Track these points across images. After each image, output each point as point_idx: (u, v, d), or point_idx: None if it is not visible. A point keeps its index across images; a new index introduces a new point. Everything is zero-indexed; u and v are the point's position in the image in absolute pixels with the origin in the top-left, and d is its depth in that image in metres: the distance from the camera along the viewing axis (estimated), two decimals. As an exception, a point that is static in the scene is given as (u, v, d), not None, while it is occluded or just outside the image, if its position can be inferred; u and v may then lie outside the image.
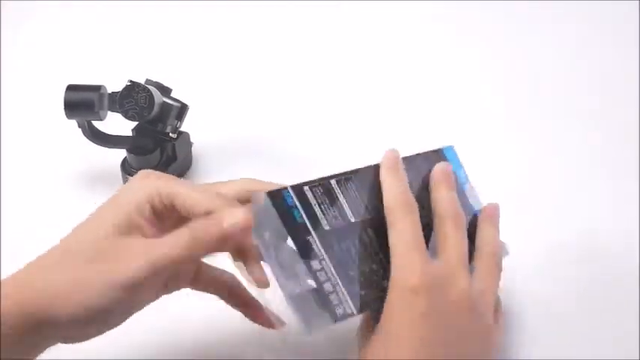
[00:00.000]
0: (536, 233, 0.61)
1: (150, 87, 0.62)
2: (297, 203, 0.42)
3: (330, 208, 0.44)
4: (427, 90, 0.80)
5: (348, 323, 0.45)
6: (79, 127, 0.63)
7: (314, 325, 0.41)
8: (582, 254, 0.61)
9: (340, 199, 0.45)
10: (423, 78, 0.82)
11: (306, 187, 0.44)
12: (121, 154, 0.66)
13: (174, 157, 0.67)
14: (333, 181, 0.45)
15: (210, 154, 0.72)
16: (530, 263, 0.58)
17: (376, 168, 0.46)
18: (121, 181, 0.68)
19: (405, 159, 0.47)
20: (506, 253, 0.50)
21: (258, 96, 0.79)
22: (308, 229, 0.42)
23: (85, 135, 0.64)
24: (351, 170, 0.46)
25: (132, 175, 0.62)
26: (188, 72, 0.80)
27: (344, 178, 0.45)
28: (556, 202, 0.66)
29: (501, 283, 0.49)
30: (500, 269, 0.48)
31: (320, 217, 0.43)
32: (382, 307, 0.43)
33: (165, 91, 0.65)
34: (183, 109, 0.65)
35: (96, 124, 0.64)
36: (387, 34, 0.89)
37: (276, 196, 0.42)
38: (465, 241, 0.46)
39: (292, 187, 0.43)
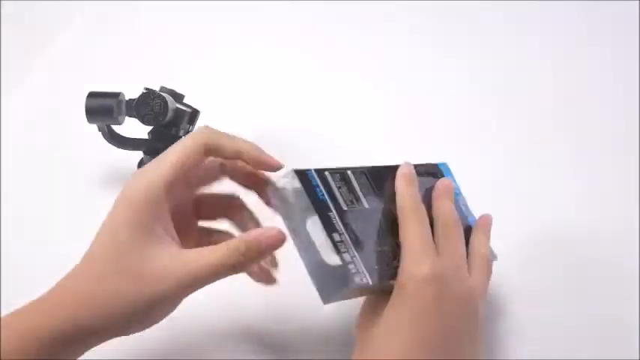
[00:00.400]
0: (512, 228, 0.61)
1: (164, 94, 0.64)
2: (320, 183, 0.46)
3: (347, 192, 0.47)
4: (422, 94, 0.80)
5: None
6: (100, 130, 0.65)
7: (331, 294, 0.43)
8: (560, 246, 0.62)
9: (356, 187, 0.48)
10: (420, 82, 0.82)
11: (326, 172, 0.47)
12: (138, 155, 0.67)
13: None
14: (349, 172, 0.48)
15: None
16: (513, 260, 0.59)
17: (388, 169, 0.50)
18: None
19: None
20: (495, 258, 0.54)
21: (263, 101, 0.80)
22: (329, 206, 0.45)
23: (105, 138, 0.66)
24: (365, 166, 0.49)
25: None
26: (199, 80, 0.81)
27: (359, 170, 0.49)
28: (530, 195, 0.67)
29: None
30: (490, 272, 0.51)
31: (338, 198, 0.46)
32: (391, 285, 0.45)
33: (178, 97, 0.66)
34: (194, 114, 0.66)
35: (115, 127, 0.66)
36: (391, 40, 0.89)
37: (302, 174, 0.45)
38: (464, 245, 0.49)
39: (315, 169, 0.46)
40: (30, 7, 0.98)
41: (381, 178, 0.50)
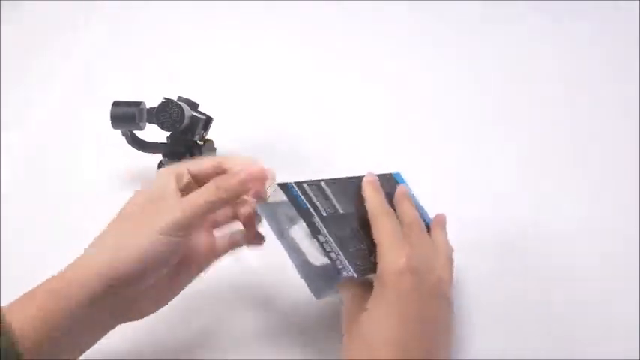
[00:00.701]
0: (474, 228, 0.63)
1: (181, 103, 0.66)
2: (300, 194, 0.49)
3: (324, 201, 0.51)
4: (419, 94, 0.83)
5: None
6: (123, 135, 0.68)
7: (321, 290, 0.47)
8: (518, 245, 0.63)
9: (330, 196, 0.51)
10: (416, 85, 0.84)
11: (304, 184, 0.50)
12: (157, 157, 0.70)
13: None
14: (323, 183, 0.52)
15: None
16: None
17: (354, 179, 0.54)
18: None
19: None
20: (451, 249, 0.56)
21: (271, 109, 0.81)
22: (311, 213, 0.49)
23: (128, 142, 0.68)
24: (334, 178, 0.53)
25: None
26: (213, 90, 0.82)
27: (331, 181, 0.52)
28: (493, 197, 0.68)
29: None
30: (453, 262, 0.54)
31: (318, 206, 0.50)
32: (371, 279, 0.49)
33: (194, 106, 0.68)
34: (208, 121, 0.69)
35: (137, 133, 0.68)
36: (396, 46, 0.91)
37: (284, 187, 0.49)
38: (430, 239, 0.53)
39: (294, 182, 0.50)
40: (30, 7, 1.00)
41: (349, 187, 0.53)
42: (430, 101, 0.83)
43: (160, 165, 0.71)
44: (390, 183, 0.57)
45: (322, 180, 0.52)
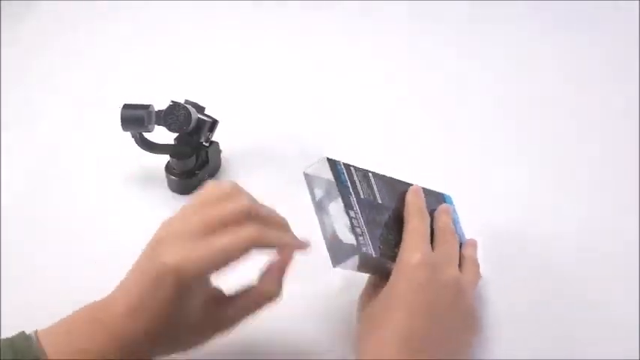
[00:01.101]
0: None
1: (188, 106, 0.67)
2: (345, 172, 0.53)
3: (367, 187, 0.54)
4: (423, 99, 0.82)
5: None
6: (132, 137, 0.68)
7: (340, 259, 0.49)
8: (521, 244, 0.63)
9: (374, 185, 0.55)
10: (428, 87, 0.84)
11: (352, 167, 0.54)
12: (165, 158, 0.70)
13: (207, 161, 0.71)
14: (370, 173, 0.55)
15: (235, 159, 0.75)
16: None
17: (402, 183, 0.57)
18: (165, 180, 0.70)
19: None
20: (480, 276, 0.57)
21: (275, 112, 0.82)
22: (349, 190, 0.52)
23: (137, 143, 0.69)
24: (384, 175, 0.56)
25: (173, 175, 0.68)
26: (218, 93, 0.82)
27: (379, 175, 0.56)
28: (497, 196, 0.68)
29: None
30: (479, 275, 0.56)
31: (359, 188, 0.53)
32: (390, 268, 0.50)
33: (200, 109, 0.69)
34: (214, 123, 0.70)
35: (145, 134, 0.68)
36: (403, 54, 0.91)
37: (332, 162, 0.52)
38: (458, 247, 0.55)
39: (343, 162, 0.53)
40: (30, 7, 0.99)
41: (394, 187, 0.56)
42: (430, 102, 0.83)
43: (168, 165, 0.71)
44: (438, 200, 0.60)
45: (371, 171, 0.55)
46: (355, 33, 0.95)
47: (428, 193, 0.58)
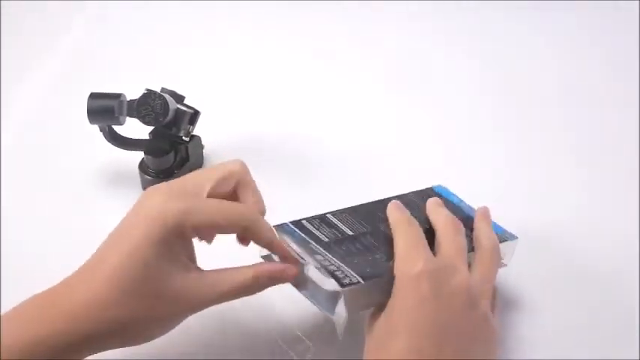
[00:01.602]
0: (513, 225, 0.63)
1: (165, 95, 0.65)
2: (296, 229, 0.53)
3: (327, 229, 0.53)
4: (424, 97, 0.84)
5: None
6: (101, 131, 0.66)
7: (332, 305, 0.48)
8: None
9: (336, 223, 0.54)
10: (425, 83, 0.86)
11: (303, 221, 0.54)
12: (139, 155, 0.69)
13: (187, 159, 0.70)
14: (328, 214, 0.55)
15: (219, 155, 0.74)
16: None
17: (372, 204, 0.57)
18: (139, 180, 0.69)
19: (399, 197, 0.57)
20: (513, 238, 0.56)
21: (261, 104, 0.82)
22: (308, 240, 0.52)
23: (106, 138, 0.67)
24: (345, 208, 0.56)
25: (148, 175, 0.67)
26: (200, 81, 0.83)
27: (338, 211, 0.56)
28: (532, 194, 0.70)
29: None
30: (497, 261, 0.53)
31: (318, 235, 0.52)
32: (390, 280, 0.48)
33: (179, 98, 0.68)
34: (195, 114, 0.68)
35: (116, 128, 0.67)
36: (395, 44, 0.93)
37: (279, 227, 0.52)
38: (464, 239, 0.51)
39: (291, 222, 0.53)
40: (30, 7, 1.00)
41: (364, 211, 0.56)
42: (430, 101, 0.84)
43: (142, 163, 0.69)
44: (427, 198, 0.58)
45: (328, 212, 0.56)
46: (352, 30, 0.97)
47: (413, 196, 0.59)
